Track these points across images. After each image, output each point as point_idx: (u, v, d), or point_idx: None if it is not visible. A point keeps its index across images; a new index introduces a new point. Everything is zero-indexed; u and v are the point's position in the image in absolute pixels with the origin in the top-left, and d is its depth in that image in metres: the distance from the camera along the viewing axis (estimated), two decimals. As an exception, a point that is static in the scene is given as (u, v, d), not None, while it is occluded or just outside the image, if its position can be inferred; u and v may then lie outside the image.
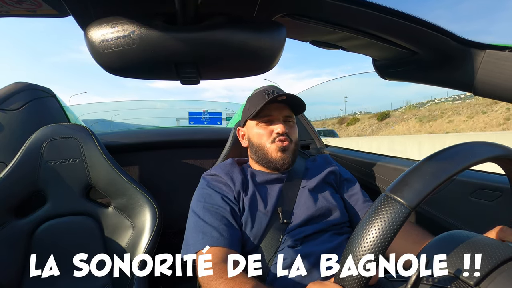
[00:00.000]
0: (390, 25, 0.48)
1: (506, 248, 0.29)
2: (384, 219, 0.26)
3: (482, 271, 0.27)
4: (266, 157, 0.81)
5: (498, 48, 0.47)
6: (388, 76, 0.68)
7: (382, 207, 0.27)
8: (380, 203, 0.27)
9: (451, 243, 0.32)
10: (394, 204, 0.26)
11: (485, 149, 0.32)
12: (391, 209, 0.26)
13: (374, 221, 0.26)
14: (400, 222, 0.25)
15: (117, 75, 0.47)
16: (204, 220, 0.70)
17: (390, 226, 0.25)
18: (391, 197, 0.27)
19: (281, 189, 0.80)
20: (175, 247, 0.80)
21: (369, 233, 0.26)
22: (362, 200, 0.83)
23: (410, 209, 0.26)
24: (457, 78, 0.55)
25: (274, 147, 0.80)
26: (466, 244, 0.30)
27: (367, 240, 0.26)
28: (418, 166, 0.29)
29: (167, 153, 1.32)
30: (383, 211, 0.26)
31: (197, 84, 0.51)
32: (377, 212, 0.27)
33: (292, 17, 0.48)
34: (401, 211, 0.26)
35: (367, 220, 0.27)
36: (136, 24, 0.40)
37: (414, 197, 0.26)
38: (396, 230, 0.25)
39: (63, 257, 0.93)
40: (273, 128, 0.81)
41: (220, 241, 0.66)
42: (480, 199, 0.74)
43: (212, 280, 0.57)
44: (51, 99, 1.21)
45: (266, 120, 0.82)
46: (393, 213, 0.26)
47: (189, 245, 0.68)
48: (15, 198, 0.90)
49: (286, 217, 0.74)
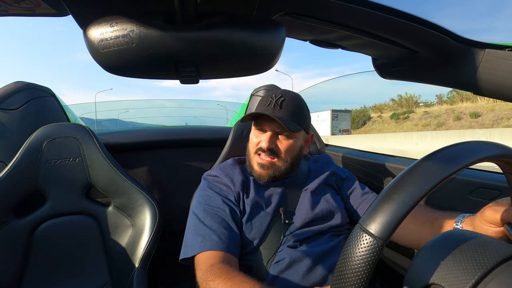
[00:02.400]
0: (390, 24, 0.48)
1: (504, 247, 0.29)
2: (357, 252, 0.28)
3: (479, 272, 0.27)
4: (250, 165, 0.79)
5: (498, 47, 0.47)
6: (388, 75, 0.68)
7: (355, 240, 0.28)
8: (355, 235, 0.29)
9: (449, 243, 0.32)
10: (367, 237, 0.28)
11: (483, 149, 0.32)
12: (364, 242, 0.28)
13: (347, 254, 0.28)
14: (375, 254, 0.27)
15: (116, 74, 0.47)
16: (203, 222, 0.71)
17: (365, 259, 0.27)
18: (364, 229, 0.28)
19: (284, 191, 0.80)
20: (175, 246, 0.80)
21: (347, 268, 0.28)
22: (361, 194, 0.83)
23: (383, 241, 0.27)
24: (457, 77, 0.55)
25: (256, 159, 0.77)
26: (464, 245, 0.30)
27: (347, 274, 0.28)
28: (388, 191, 0.30)
29: (167, 153, 1.32)
30: (356, 244, 0.28)
31: (197, 83, 0.51)
32: (350, 245, 0.28)
33: (292, 16, 0.48)
34: (374, 244, 0.27)
35: (342, 254, 0.29)
36: (135, 23, 0.40)
37: (384, 229, 0.27)
38: (372, 262, 0.27)
39: (63, 256, 0.93)
40: (259, 141, 0.76)
41: (218, 245, 0.66)
42: (479, 198, 0.74)
43: (210, 280, 0.58)
44: (50, 98, 1.21)
45: (259, 128, 0.77)
46: (366, 247, 0.27)
47: (188, 247, 0.69)
48: (15, 198, 0.90)
49: (288, 217, 0.75)
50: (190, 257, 0.67)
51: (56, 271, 0.90)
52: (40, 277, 0.89)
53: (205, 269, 0.61)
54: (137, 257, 0.93)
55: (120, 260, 0.94)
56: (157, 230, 0.95)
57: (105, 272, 0.93)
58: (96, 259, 0.94)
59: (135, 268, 0.91)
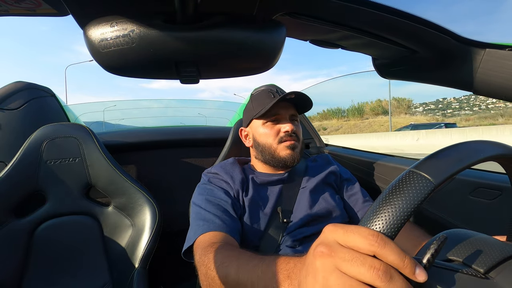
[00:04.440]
0: (390, 24, 0.48)
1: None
2: (408, 189, 0.26)
3: (492, 261, 0.27)
4: (274, 156, 0.80)
5: (498, 47, 0.47)
6: (387, 75, 0.68)
7: (407, 180, 0.27)
8: (404, 176, 0.28)
9: (456, 239, 0.32)
10: (419, 178, 0.27)
11: (489, 148, 0.32)
12: (416, 182, 0.26)
13: (398, 189, 0.27)
14: (424, 194, 0.26)
15: (116, 74, 0.47)
16: (206, 209, 0.70)
17: (414, 197, 0.26)
18: (416, 173, 0.27)
19: (281, 189, 0.80)
20: (175, 246, 0.80)
21: (393, 199, 0.26)
22: (362, 200, 0.83)
23: (435, 184, 0.26)
24: (457, 77, 0.55)
25: (282, 146, 0.80)
26: (471, 240, 0.31)
27: (390, 205, 0.26)
28: (440, 150, 0.30)
29: (167, 153, 1.32)
30: (407, 182, 0.27)
31: (197, 83, 0.51)
32: (401, 183, 0.27)
33: (292, 16, 0.48)
34: (426, 184, 0.26)
35: (391, 188, 0.27)
36: (135, 23, 0.40)
37: (439, 174, 0.27)
38: (419, 201, 0.26)
39: (63, 256, 0.93)
40: (281, 127, 0.80)
41: (222, 227, 0.65)
42: (479, 198, 0.74)
43: (209, 253, 0.55)
44: (50, 98, 1.21)
45: (273, 119, 0.82)
46: (418, 186, 0.26)
47: (191, 236, 0.67)
48: (15, 198, 0.90)
49: (285, 216, 0.74)
50: (193, 250, 0.65)
51: (56, 271, 0.90)
52: (40, 277, 0.89)
53: (205, 246, 0.59)
54: (137, 257, 0.93)
55: (120, 260, 0.94)
56: (157, 230, 0.95)
57: (105, 272, 0.93)
58: (96, 259, 0.94)
59: (135, 268, 0.91)
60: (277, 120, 0.82)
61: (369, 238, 0.24)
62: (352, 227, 0.25)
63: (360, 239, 0.24)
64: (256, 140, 0.84)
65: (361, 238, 0.24)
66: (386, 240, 0.24)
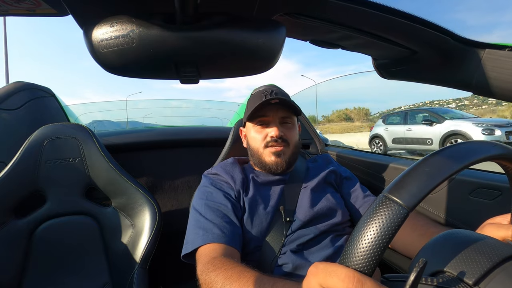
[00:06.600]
0: (390, 24, 0.48)
1: (504, 247, 0.29)
2: (382, 219, 0.26)
3: (480, 271, 0.27)
4: (260, 161, 0.81)
5: (498, 47, 0.47)
6: (388, 75, 0.68)
7: (380, 208, 0.27)
8: (378, 203, 0.27)
9: (449, 243, 0.32)
10: (392, 204, 0.26)
11: (485, 148, 0.32)
12: (389, 210, 0.26)
13: (372, 220, 0.26)
14: (398, 222, 0.26)
15: (116, 74, 0.47)
16: (205, 217, 0.70)
17: (388, 226, 0.25)
18: (389, 198, 0.27)
19: (283, 189, 0.80)
20: (175, 246, 0.80)
21: (367, 233, 0.26)
22: (362, 196, 0.83)
23: (408, 210, 0.26)
24: (457, 77, 0.55)
25: (268, 151, 0.79)
26: (464, 244, 0.31)
27: (365, 239, 0.26)
28: (415, 166, 0.29)
29: (167, 153, 1.32)
30: (381, 211, 0.26)
31: (197, 84, 0.51)
32: (375, 212, 0.27)
33: (292, 16, 0.48)
34: (399, 211, 0.26)
35: (365, 220, 0.27)
36: (135, 23, 0.40)
37: (411, 198, 0.26)
38: (394, 230, 0.25)
39: (63, 256, 0.93)
40: (268, 132, 0.79)
41: (220, 238, 0.65)
42: (479, 198, 0.74)
43: (211, 271, 0.56)
44: (50, 98, 1.21)
45: (262, 122, 0.81)
46: (391, 214, 0.26)
47: (189, 243, 0.68)
48: (14, 198, 0.90)
49: (288, 215, 0.74)
50: (192, 253, 0.66)
51: (56, 271, 0.90)
52: (40, 277, 0.89)
53: (206, 261, 0.60)
54: (137, 257, 0.92)
55: (120, 260, 0.94)
56: (157, 230, 0.95)
57: (105, 272, 0.93)
58: (96, 259, 0.94)
59: (135, 268, 0.91)
60: (267, 123, 0.80)
61: (346, 280, 0.25)
62: (332, 269, 0.27)
63: (339, 282, 0.25)
64: (248, 142, 0.85)
65: (339, 281, 0.25)
66: (363, 280, 0.25)
